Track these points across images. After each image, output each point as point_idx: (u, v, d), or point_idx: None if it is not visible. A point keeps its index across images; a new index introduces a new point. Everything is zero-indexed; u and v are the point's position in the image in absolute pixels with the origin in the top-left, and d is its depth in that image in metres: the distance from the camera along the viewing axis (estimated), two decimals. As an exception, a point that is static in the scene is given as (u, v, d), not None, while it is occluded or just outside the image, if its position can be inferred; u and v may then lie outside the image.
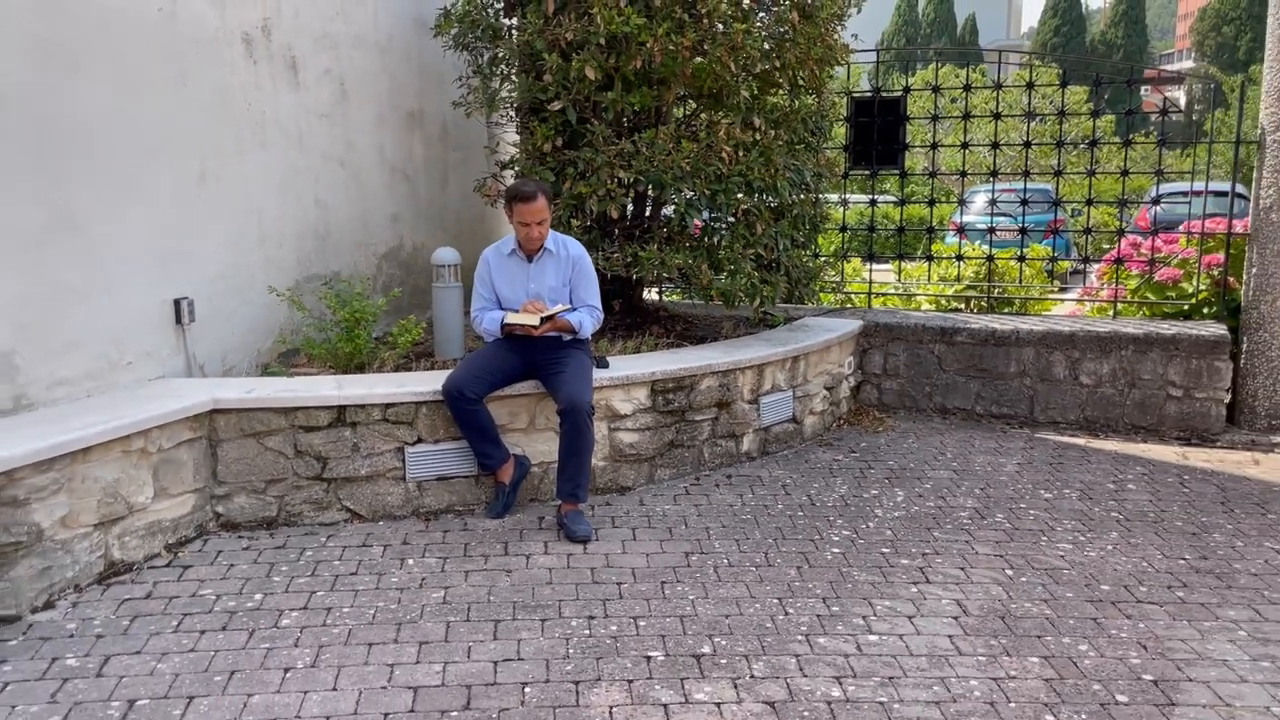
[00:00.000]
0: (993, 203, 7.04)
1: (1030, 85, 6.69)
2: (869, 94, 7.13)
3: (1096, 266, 7.58)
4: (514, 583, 4.13)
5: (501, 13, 6.24)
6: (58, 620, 3.74)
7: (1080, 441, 6.38)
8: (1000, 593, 4.08)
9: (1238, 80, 7.43)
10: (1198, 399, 6.43)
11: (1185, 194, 10.38)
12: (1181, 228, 7.33)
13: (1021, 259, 7.18)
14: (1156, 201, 6.74)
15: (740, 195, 5.81)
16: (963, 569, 4.32)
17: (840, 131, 7.42)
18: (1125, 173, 6.80)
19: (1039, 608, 3.94)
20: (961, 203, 7.60)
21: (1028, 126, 7.21)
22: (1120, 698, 3.27)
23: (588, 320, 4.91)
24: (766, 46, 5.59)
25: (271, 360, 5.57)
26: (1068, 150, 19.99)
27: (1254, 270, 6.39)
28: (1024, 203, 6.93)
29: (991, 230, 7.04)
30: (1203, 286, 6.94)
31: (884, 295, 7.71)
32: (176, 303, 4.94)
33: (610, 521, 4.82)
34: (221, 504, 4.62)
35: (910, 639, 3.67)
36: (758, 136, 5.80)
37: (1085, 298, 7.56)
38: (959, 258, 7.47)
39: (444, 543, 4.54)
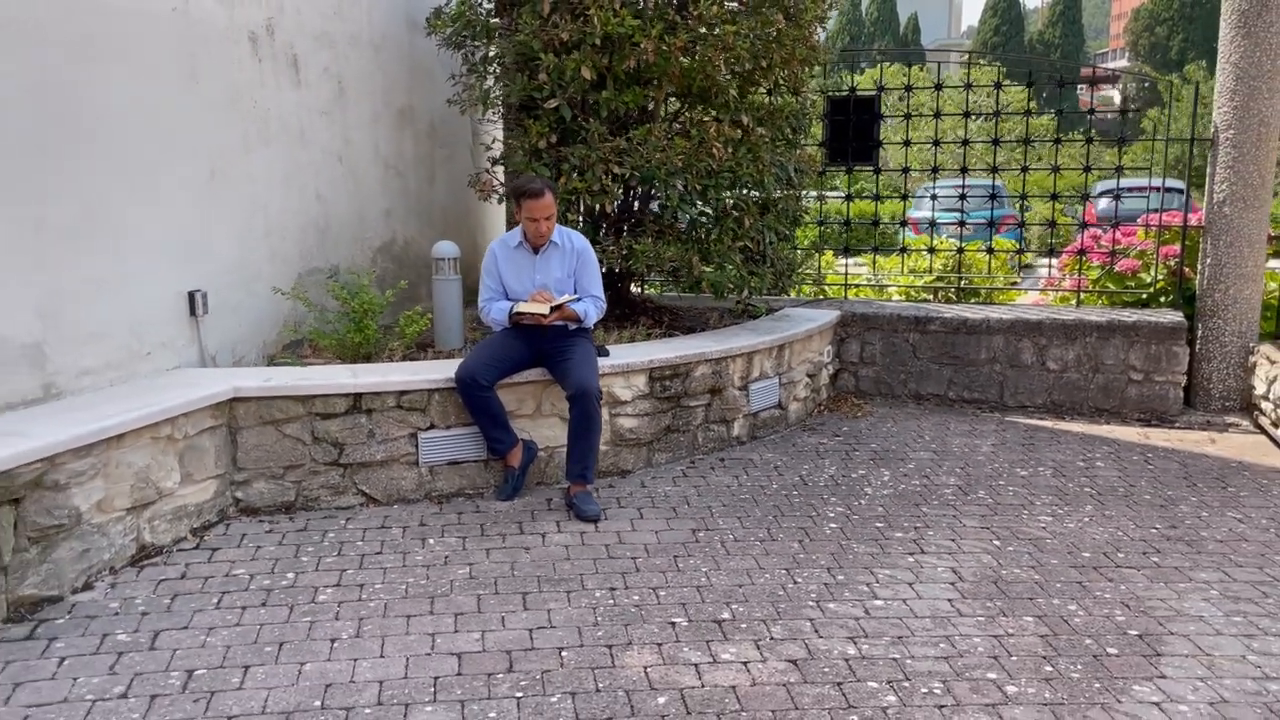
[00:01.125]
0: (962, 198, 7.36)
1: (998, 85, 7.03)
2: (845, 93, 7.42)
3: (1060, 258, 7.95)
4: (534, 559, 4.33)
5: (492, 13, 6.41)
6: (99, 600, 3.87)
7: (1048, 424, 6.72)
8: (990, 561, 4.37)
9: (1171, 79, 7.84)
10: (1157, 382, 6.80)
11: (1131, 190, 10.86)
12: (1140, 220, 7.72)
13: (990, 251, 7.53)
14: (1118, 196, 7.10)
15: (728, 191, 6.05)
16: (953, 540, 4.60)
17: (816, 129, 7.69)
18: (1088, 169, 7.17)
19: (1028, 573, 4.23)
20: (934, 198, 7.91)
21: (995, 125, 7.54)
22: (1111, 650, 3.56)
23: (592, 309, 5.12)
24: (757, 47, 5.83)
25: (277, 351, 5.71)
26: (1012, 147, 20.42)
27: (1208, 261, 6.77)
28: (993, 197, 7.27)
29: (961, 224, 7.36)
30: (1160, 276, 7.32)
31: (857, 286, 8.01)
32: (191, 295, 5.07)
33: (616, 502, 5.04)
34: (241, 489, 4.76)
35: (913, 603, 3.94)
36: (745, 134, 6.04)
37: (1049, 288, 7.92)
38: (930, 250, 7.79)
39: (460, 523, 4.73)
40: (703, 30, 5.78)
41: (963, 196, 7.35)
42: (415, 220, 7.15)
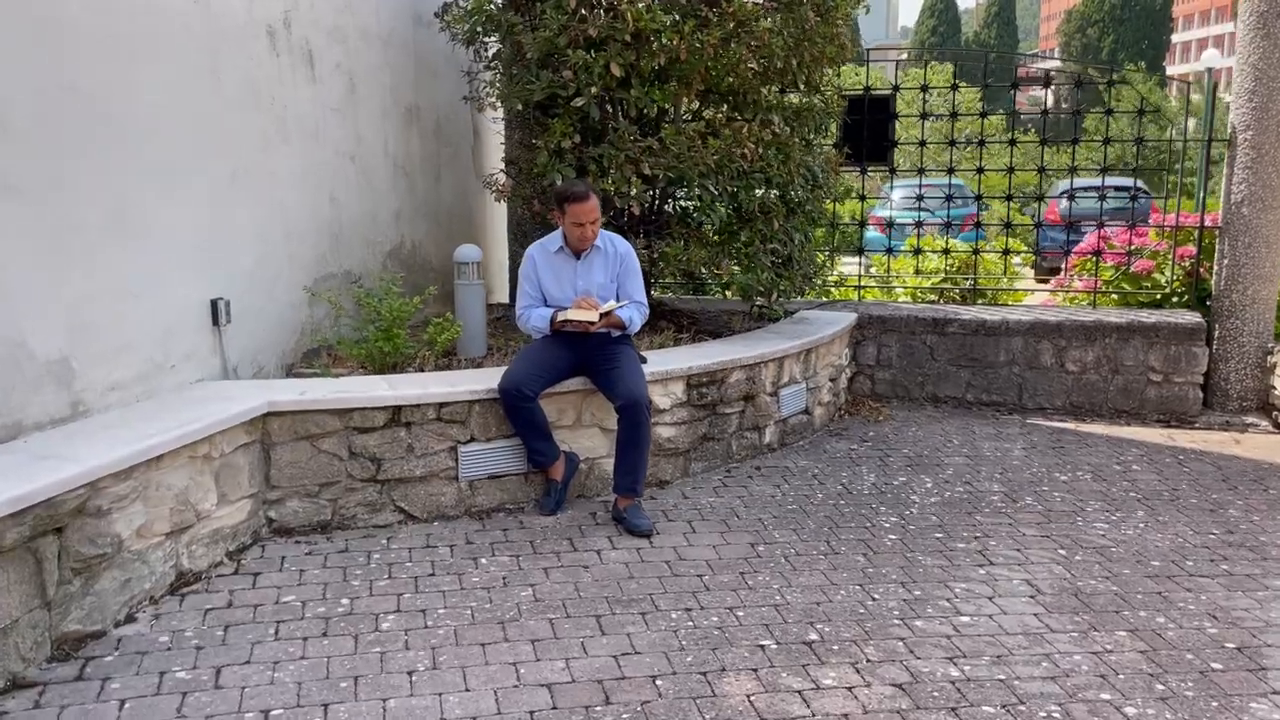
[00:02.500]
0: (979, 199, 7.30)
1: (1014, 85, 6.97)
2: (860, 92, 7.31)
3: (1069, 259, 7.93)
4: (596, 578, 4.14)
5: (508, 7, 6.16)
6: (146, 633, 3.61)
7: (1070, 426, 6.67)
8: (1062, 572, 4.27)
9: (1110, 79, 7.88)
10: (1176, 384, 6.79)
11: (1096, 189, 10.93)
12: (1152, 220, 7.72)
13: (1006, 252, 7.48)
14: (1135, 198, 7.10)
15: (755, 193, 5.90)
16: (1018, 550, 4.50)
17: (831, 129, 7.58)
18: (1105, 170, 7.15)
19: (1104, 584, 4.14)
20: (949, 198, 7.79)
21: (1012, 125, 7.50)
22: (1215, 665, 3.47)
23: (636, 316, 4.95)
24: (789, 45, 5.68)
25: (296, 360, 5.45)
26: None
27: (1225, 261, 6.77)
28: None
29: (978, 224, 7.30)
30: (1175, 277, 7.32)
31: (866, 288, 7.91)
32: (214, 303, 4.80)
33: (663, 515, 4.87)
34: (274, 509, 4.51)
35: (1000, 619, 3.82)
36: (776, 134, 5.90)
37: (1059, 288, 7.89)
38: (945, 252, 7.73)
39: (508, 541, 4.53)
40: (732, 26, 5.61)
41: (979, 198, 7.28)
42: (423, 222, 6.90)
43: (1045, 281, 9.61)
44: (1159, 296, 7.32)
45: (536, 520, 4.78)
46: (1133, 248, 7.45)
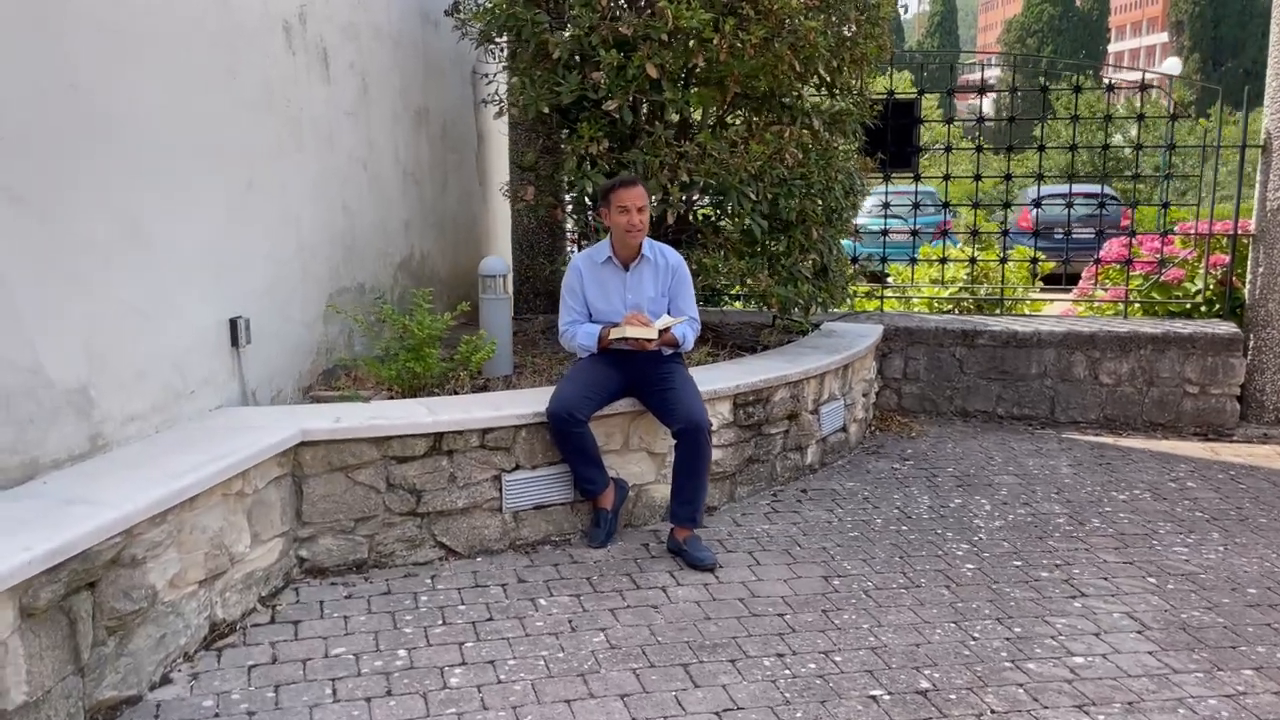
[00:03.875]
0: (1008, 206, 7.07)
1: (1045, 89, 6.76)
2: (883, 96, 7.07)
3: (1088, 267, 7.76)
4: (669, 619, 3.81)
5: (529, 4, 5.81)
6: (186, 697, 3.21)
7: (1109, 440, 6.46)
8: (1160, 602, 4.02)
9: (1063, 88, 7.76)
10: (1213, 395, 6.62)
11: (1064, 196, 10.82)
12: (1178, 228, 7.57)
13: (1035, 260, 7.29)
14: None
15: (795, 200, 5.61)
16: (1106, 579, 4.25)
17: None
18: (1136, 176, 6.98)
19: (1209, 616, 3.90)
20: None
21: (1042, 129, 7.29)
22: (1361, 708, 3.23)
23: (690, 333, 4.62)
24: (833, 45, 5.41)
25: (314, 382, 5.05)
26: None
27: (1261, 270, 6.61)
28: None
29: (1005, 232, 7.09)
30: (1208, 286, 7.15)
31: (885, 298, 7.66)
32: (233, 322, 4.40)
33: (720, 545, 4.55)
34: (305, 547, 4.11)
35: (1115, 659, 3.55)
36: (817, 138, 5.62)
37: (1082, 298, 7.71)
38: (972, 260, 7.51)
39: (561, 578, 4.18)
40: (774, 25, 5.31)
41: (994, 203, 7.06)
42: (431, 232, 6.53)
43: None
44: (1189, 306, 7.15)
45: (588, 554, 4.43)
46: (1162, 256, 7.27)
